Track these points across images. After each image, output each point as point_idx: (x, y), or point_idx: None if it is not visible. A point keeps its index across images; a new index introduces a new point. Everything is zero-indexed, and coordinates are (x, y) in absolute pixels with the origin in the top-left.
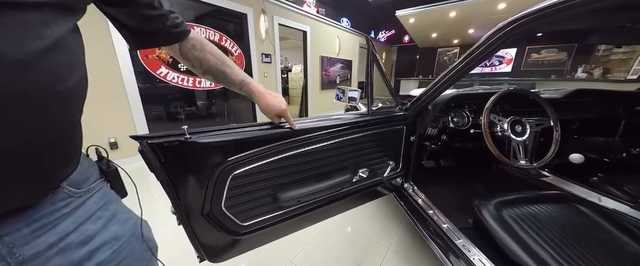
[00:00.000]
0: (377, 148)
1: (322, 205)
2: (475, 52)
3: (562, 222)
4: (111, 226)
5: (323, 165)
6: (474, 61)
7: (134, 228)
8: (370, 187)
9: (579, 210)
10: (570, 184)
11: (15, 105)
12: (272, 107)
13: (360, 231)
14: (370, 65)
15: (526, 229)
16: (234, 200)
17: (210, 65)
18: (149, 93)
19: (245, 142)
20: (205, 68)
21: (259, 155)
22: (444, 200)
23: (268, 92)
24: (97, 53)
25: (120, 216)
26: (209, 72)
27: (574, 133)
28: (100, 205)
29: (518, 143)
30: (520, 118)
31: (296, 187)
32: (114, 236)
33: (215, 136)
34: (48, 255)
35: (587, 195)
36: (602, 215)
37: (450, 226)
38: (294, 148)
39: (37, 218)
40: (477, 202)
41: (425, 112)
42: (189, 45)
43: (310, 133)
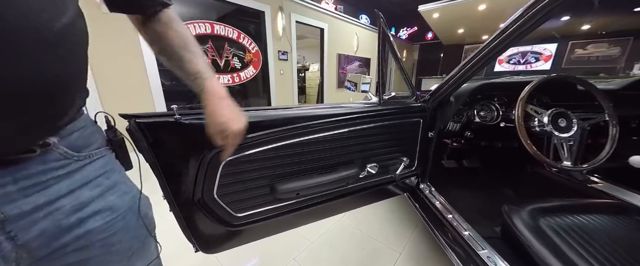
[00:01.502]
0: (389, 142)
1: (324, 201)
2: (512, 27)
3: (619, 237)
4: (108, 196)
5: (326, 156)
6: (510, 39)
7: (132, 202)
8: (380, 184)
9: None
10: (629, 193)
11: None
12: (219, 118)
13: (370, 233)
14: (381, 46)
15: (570, 242)
16: (227, 188)
17: (168, 45)
18: (171, 89)
19: None
20: (162, 48)
21: (255, 142)
22: (466, 205)
23: (228, 99)
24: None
25: (121, 186)
26: (164, 53)
27: (635, 132)
28: (100, 173)
29: (562, 141)
30: (564, 110)
31: (295, 179)
32: (110, 207)
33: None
34: (34, 217)
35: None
36: None
37: (472, 233)
38: (293, 136)
39: (27, 175)
40: (507, 208)
41: (446, 105)
42: (156, 17)
43: (312, 121)
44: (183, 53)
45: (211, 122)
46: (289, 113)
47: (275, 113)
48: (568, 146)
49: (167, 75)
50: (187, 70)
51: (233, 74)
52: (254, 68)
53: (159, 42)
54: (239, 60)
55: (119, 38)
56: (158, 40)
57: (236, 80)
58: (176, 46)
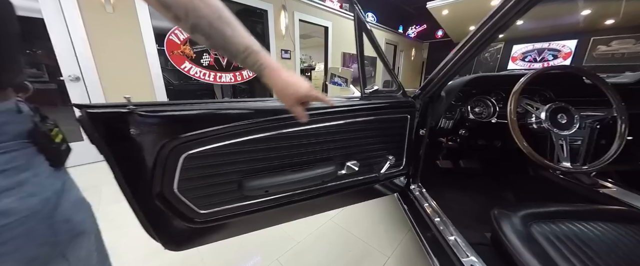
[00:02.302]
0: (372, 139)
1: (299, 199)
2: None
3: (622, 247)
4: (3, 198)
5: (300, 152)
6: (494, 29)
7: (42, 205)
8: (363, 184)
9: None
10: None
11: None
12: (291, 88)
13: (360, 235)
14: (358, 36)
15: (564, 252)
16: (189, 184)
17: (200, 17)
18: (174, 88)
19: (200, 118)
20: (194, 22)
21: (219, 135)
22: (461, 208)
23: (285, 68)
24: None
25: (27, 187)
26: (198, 29)
27: None
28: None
29: (561, 139)
30: (564, 105)
31: (264, 175)
32: (1, 211)
33: (162, 110)
34: None
35: None
36: None
37: (459, 239)
38: (263, 130)
39: None
40: (497, 212)
41: (436, 100)
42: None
43: (285, 114)
44: (221, 25)
45: (286, 95)
46: (259, 106)
47: (244, 105)
48: (568, 145)
49: (175, 74)
50: (233, 46)
51: (235, 73)
52: None
53: (186, 16)
54: None
55: (122, 37)
56: (185, 14)
57: (238, 79)
58: (207, 17)
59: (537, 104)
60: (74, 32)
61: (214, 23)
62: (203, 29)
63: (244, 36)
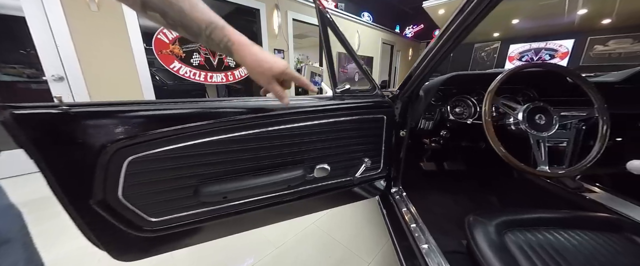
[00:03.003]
0: (346, 141)
1: (263, 206)
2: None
3: (602, 259)
4: None
5: (263, 156)
6: (465, 24)
7: None
8: (336, 188)
9: (636, 245)
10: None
11: None
12: (265, 64)
13: (342, 240)
14: (322, 30)
15: (536, 263)
16: (137, 189)
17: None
18: (168, 88)
19: (147, 119)
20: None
21: (170, 137)
22: (443, 212)
23: (255, 44)
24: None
25: None
26: (150, 5)
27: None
28: None
29: (539, 141)
30: (543, 105)
31: (223, 181)
32: None
33: (101, 110)
34: None
35: None
36: None
37: (432, 247)
38: (221, 132)
39: None
40: (472, 218)
41: (415, 100)
42: None
43: (246, 115)
44: (176, 1)
45: (260, 72)
46: (217, 106)
47: (201, 105)
48: (546, 147)
49: (169, 74)
50: (195, 22)
51: (227, 73)
52: None
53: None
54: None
55: (108, 37)
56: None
57: (230, 78)
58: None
59: (512, 104)
60: (57, 31)
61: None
62: (155, 4)
63: (204, 11)
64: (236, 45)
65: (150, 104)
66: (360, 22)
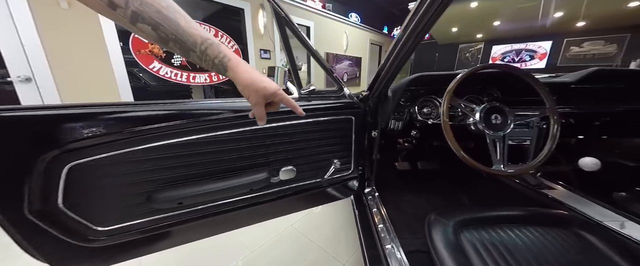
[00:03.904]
0: (314, 142)
1: (223, 211)
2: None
3: (549, 256)
4: None
5: (222, 159)
6: (422, 23)
7: None
8: (305, 190)
9: (582, 240)
10: (583, 201)
11: None
12: (260, 84)
13: (318, 242)
14: (280, 29)
15: (487, 261)
16: (80, 197)
17: (144, 2)
18: (151, 89)
19: (86, 123)
20: (137, 9)
21: (114, 142)
22: (414, 211)
23: (247, 64)
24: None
25: None
26: (142, 18)
27: (601, 132)
28: None
29: (495, 140)
30: (499, 105)
31: (178, 186)
32: None
33: (34, 115)
34: None
35: (605, 217)
36: (622, 250)
37: (395, 248)
38: (176, 134)
39: None
40: (433, 218)
41: (384, 101)
42: None
43: (203, 117)
44: (174, 15)
45: (254, 90)
46: (169, 108)
47: (151, 108)
48: (502, 146)
49: (152, 75)
50: (191, 37)
51: (211, 73)
52: None
53: (125, 4)
54: None
55: (80, 35)
56: (125, 2)
57: (214, 79)
58: (157, 4)
59: (469, 104)
60: (22, 29)
61: (164, 11)
62: (149, 16)
63: (198, 28)
64: (233, 62)
65: (93, 107)
66: (348, 22)
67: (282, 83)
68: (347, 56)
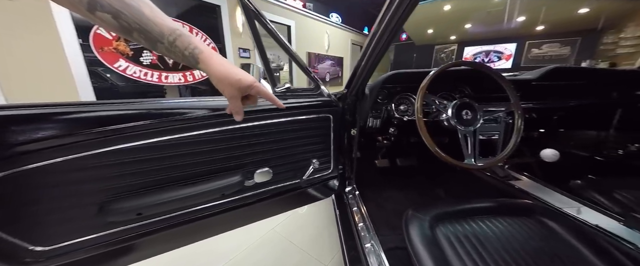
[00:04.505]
0: (291, 142)
1: (192, 219)
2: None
3: (516, 244)
4: None
5: (189, 163)
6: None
7: None
8: (283, 192)
9: (545, 227)
10: (545, 190)
11: None
12: (235, 76)
13: (301, 244)
14: (250, 25)
15: (461, 253)
16: (10, 213)
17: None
18: (120, 90)
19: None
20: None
21: (62, 147)
22: (394, 208)
23: (221, 56)
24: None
25: None
26: (101, 6)
27: (559, 125)
28: None
29: (466, 135)
30: (468, 101)
31: (136, 195)
32: None
33: None
34: None
35: (564, 205)
36: (578, 234)
37: (375, 246)
38: (128, 138)
39: None
40: (410, 214)
41: (362, 98)
42: None
43: (165, 118)
44: (137, 3)
45: (229, 84)
46: (128, 108)
47: (107, 108)
48: (473, 140)
49: (120, 76)
50: (157, 27)
51: (185, 72)
52: None
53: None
54: None
55: (30, 30)
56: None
57: (189, 79)
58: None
59: (443, 101)
60: None
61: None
62: (109, 3)
63: (165, 18)
64: (205, 54)
65: (31, 108)
66: (329, 22)
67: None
68: (329, 56)
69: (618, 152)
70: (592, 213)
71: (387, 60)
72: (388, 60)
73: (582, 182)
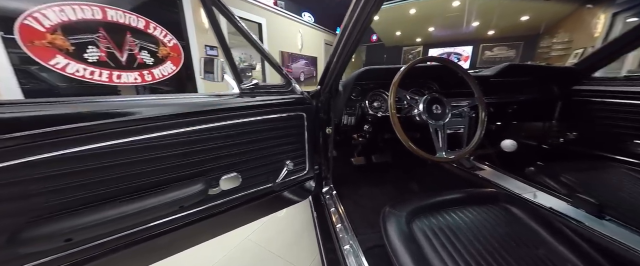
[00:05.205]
0: (261, 143)
1: (145, 238)
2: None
3: (485, 232)
4: None
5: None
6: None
7: None
8: (255, 198)
9: (509, 213)
10: (505, 178)
11: None
12: None
13: (279, 251)
14: (207, 12)
15: (436, 246)
16: None
17: None
18: (60, 92)
19: None
20: None
21: None
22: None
23: None
24: None
25: None
26: None
27: (513, 117)
28: None
29: (437, 129)
30: (438, 96)
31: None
32: None
33: None
34: None
35: (522, 191)
36: (536, 217)
37: (354, 246)
38: (52, 146)
39: None
40: (387, 211)
41: (335, 95)
42: None
43: (102, 120)
44: None
45: None
46: (56, 109)
47: (26, 109)
48: (444, 134)
49: (61, 76)
50: None
51: (143, 71)
52: (173, 65)
53: None
54: (150, 55)
55: None
56: None
57: (148, 78)
58: None
59: (414, 96)
60: None
61: None
62: None
63: None
64: None
65: None
66: (301, 21)
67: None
68: (302, 55)
69: (559, 140)
70: (546, 196)
71: (360, 60)
72: (360, 60)
73: (535, 168)
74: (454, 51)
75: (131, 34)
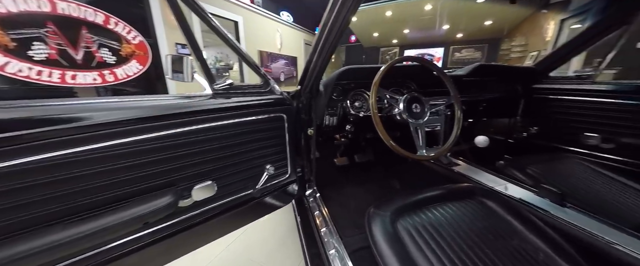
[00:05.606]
0: (239, 147)
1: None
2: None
3: (464, 226)
4: None
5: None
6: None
7: None
8: (234, 206)
9: (485, 207)
10: (479, 172)
11: None
12: None
13: (261, 259)
14: (172, 6)
15: (420, 244)
16: None
17: None
18: (1, 96)
19: None
20: None
21: None
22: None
23: None
24: None
25: None
26: None
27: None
28: None
29: (417, 128)
30: (417, 95)
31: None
32: None
33: None
34: None
35: (495, 183)
36: (509, 209)
37: (339, 250)
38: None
39: None
40: (372, 212)
41: (316, 96)
42: None
43: (49, 127)
44: None
45: None
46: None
47: None
48: (423, 133)
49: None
50: None
51: (103, 71)
52: (139, 64)
53: None
54: (111, 53)
55: None
56: None
57: (110, 79)
58: None
59: (395, 95)
60: None
61: None
62: None
63: None
64: None
65: None
66: (280, 20)
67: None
68: (282, 55)
69: (523, 134)
70: (515, 188)
71: (340, 60)
72: (340, 60)
73: (504, 162)
74: (427, 52)
75: (88, 29)
